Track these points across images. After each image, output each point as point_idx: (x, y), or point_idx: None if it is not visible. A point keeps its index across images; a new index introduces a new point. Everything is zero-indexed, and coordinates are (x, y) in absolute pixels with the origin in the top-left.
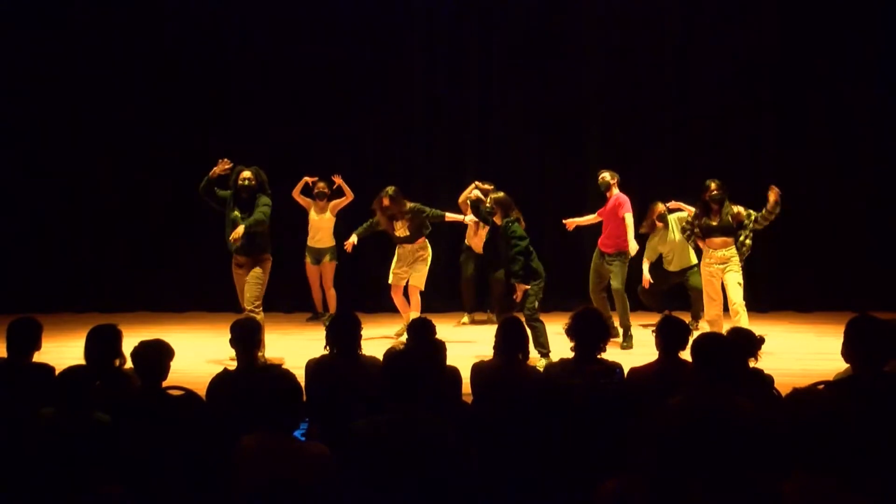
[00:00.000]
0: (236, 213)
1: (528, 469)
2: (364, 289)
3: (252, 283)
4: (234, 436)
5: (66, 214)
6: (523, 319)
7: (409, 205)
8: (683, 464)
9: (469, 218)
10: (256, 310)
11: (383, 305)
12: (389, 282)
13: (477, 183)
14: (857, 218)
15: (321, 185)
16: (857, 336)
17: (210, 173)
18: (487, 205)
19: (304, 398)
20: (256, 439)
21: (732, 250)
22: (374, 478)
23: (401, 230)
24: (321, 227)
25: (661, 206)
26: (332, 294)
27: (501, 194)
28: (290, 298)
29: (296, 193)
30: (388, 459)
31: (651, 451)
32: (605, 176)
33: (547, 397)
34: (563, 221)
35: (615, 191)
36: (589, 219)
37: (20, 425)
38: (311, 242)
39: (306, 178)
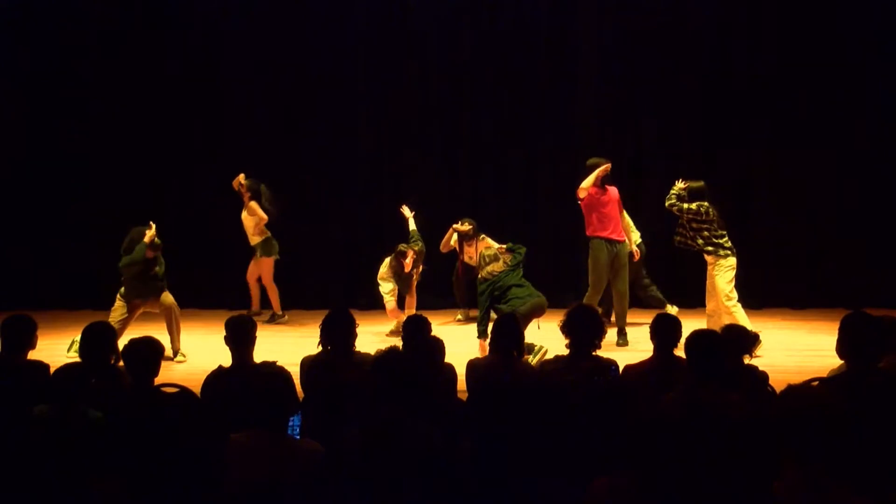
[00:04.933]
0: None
1: (522, 466)
2: (357, 286)
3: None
4: (229, 432)
5: (61, 212)
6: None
7: (418, 248)
8: (677, 460)
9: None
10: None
11: (377, 303)
12: (388, 307)
13: (455, 227)
14: (851, 215)
15: (242, 181)
16: (852, 333)
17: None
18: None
19: (299, 396)
20: (249, 436)
21: (711, 256)
22: (365, 482)
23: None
24: (245, 224)
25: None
26: (271, 290)
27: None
28: (284, 296)
29: (236, 185)
30: (378, 466)
31: (644, 447)
32: (609, 166)
33: (541, 394)
34: None
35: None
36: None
37: (14, 423)
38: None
39: (241, 177)
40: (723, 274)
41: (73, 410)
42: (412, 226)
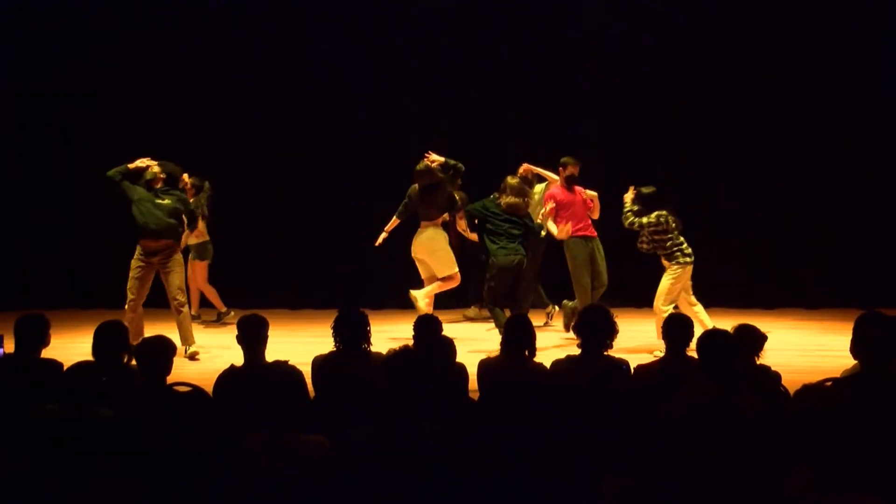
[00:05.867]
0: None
1: (535, 465)
2: (370, 285)
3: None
4: (241, 431)
5: (74, 211)
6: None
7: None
8: (688, 459)
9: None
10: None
11: (388, 302)
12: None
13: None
14: (865, 214)
15: (186, 179)
16: (866, 333)
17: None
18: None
19: (311, 395)
20: (261, 435)
21: (671, 262)
22: (374, 481)
23: None
24: None
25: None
26: (209, 292)
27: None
28: (296, 295)
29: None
30: (388, 465)
31: (656, 447)
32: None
33: (553, 394)
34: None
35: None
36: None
37: (27, 421)
38: None
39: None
40: (673, 278)
41: (84, 409)
42: (394, 224)
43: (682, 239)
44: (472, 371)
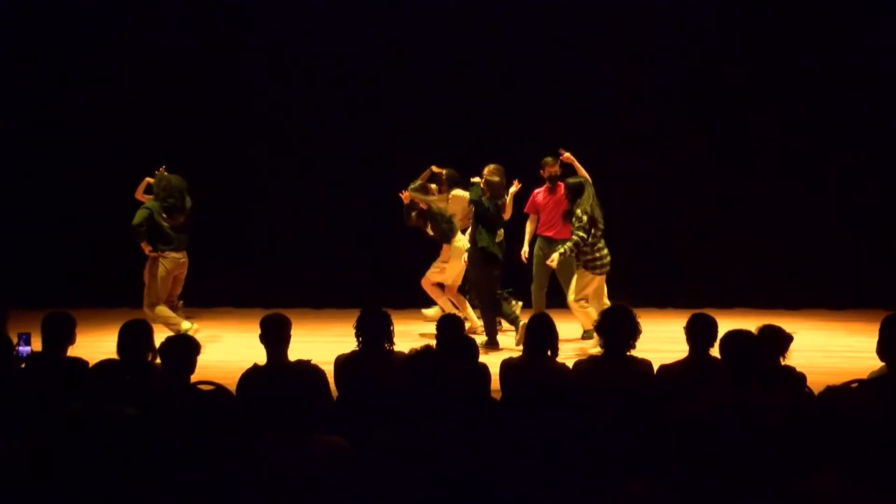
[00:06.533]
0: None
1: (556, 466)
2: (394, 284)
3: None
4: (264, 430)
5: (98, 210)
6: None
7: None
8: (712, 460)
9: None
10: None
11: (411, 301)
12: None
13: (433, 167)
14: (891, 213)
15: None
16: (893, 334)
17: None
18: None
19: (334, 395)
20: (283, 435)
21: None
22: (396, 481)
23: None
24: None
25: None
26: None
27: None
28: (319, 295)
29: (139, 194)
30: (405, 469)
31: (679, 448)
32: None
33: (575, 394)
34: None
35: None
36: None
37: (52, 419)
38: None
39: (147, 179)
40: (585, 280)
41: (107, 407)
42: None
43: (601, 245)
44: (494, 371)
